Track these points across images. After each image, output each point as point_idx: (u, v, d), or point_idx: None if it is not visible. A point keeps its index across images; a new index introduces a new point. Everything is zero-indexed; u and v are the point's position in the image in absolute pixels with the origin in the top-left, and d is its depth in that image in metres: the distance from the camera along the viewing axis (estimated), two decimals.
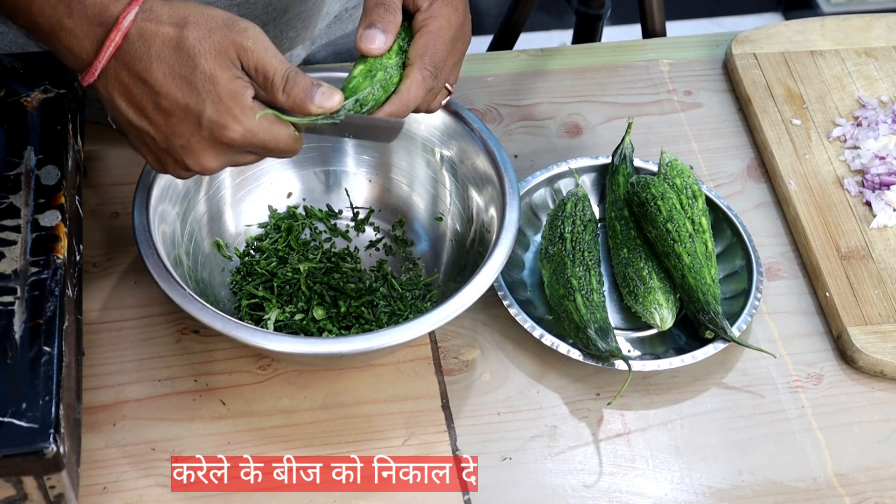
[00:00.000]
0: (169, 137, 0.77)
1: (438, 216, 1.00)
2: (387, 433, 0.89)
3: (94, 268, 0.98)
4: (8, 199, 0.83)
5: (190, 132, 0.76)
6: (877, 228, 1.04)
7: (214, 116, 0.75)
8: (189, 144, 0.77)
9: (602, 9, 1.56)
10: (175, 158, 0.78)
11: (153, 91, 0.75)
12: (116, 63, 0.76)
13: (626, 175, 1.03)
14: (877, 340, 0.95)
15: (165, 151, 0.78)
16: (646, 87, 1.19)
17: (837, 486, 0.88)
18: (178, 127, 0.76)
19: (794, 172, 1.09)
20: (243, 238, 0.99)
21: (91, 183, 1.03)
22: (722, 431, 0.91)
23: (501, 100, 1.16)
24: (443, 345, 0.95)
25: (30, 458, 0.72)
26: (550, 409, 0.92)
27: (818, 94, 1.17)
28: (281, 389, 0.91)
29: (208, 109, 0.75)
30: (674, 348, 0.95)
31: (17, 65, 0.92)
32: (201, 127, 0.76)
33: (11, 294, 0.78)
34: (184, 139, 0.77)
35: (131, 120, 0.78)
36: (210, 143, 0.77)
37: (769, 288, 1.01)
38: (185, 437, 0.88)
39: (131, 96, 0.77)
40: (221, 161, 0.79)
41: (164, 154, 0.79)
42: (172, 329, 0.94)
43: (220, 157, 0.78)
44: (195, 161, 0.78)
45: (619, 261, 0.99)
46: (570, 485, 0.87)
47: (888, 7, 2.58)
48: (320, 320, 0.93)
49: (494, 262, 0.86)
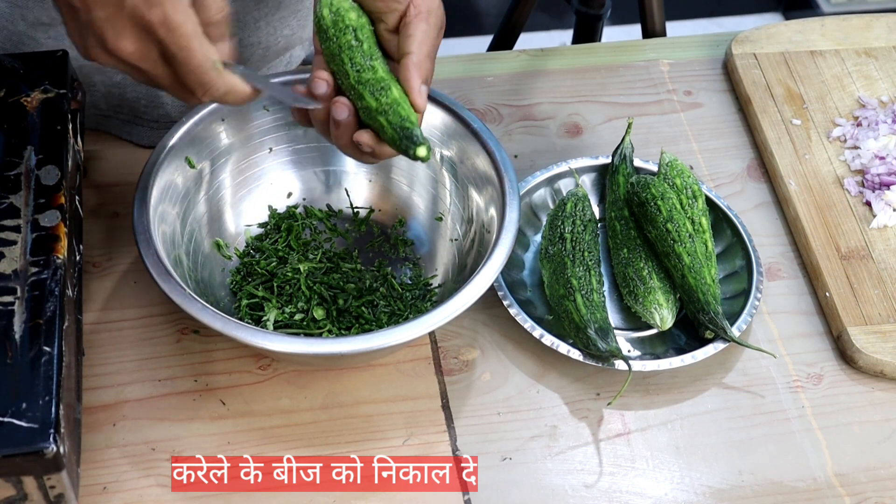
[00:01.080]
0: (91, 9, 0.73)
1: (438, 216, 1.00)
2: (387, 433, 0.89)
3: (94, 268, 0.98)
4: (8, 199, 0.83)
5: (112, 7, 0.73)
6: (877, 228, 1.04)
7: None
8: (111, 19, 0.73)
9: (602, 9, 1.56)
10: (94, 33, 0.74)
11: None
12: None
13: (626, 175, 1.03)
14: (877, 340, 0.95)
15: (87, 25, 0.74)
16: (646, 87, 1.19)
17: (837, 486, 0.88)
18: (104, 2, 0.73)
19: (794, 172, 1.09)
20: (243, 238, 0.99)
21: (91, 183, 1.03)
22: (722, 431, 0.91)
23: (501, 100, 1.16)
24: (443, 345, 0.95)
25: (30, 458, 0.72)
26: (550, 409, 0.92)
27: (818, 94, 1.17)
28: (281, 389, 0.91)
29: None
30: (674, 348, 0.95)
31: (17, 65, 0.92)
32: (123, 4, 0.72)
33: (11, 294, 0.78)
34: (106, 12, 0.73)
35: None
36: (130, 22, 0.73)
37: (769, 288, 1.01)
38: (185, 437, 0.88)
39: None
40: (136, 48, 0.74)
41: (86, 29, 0.74)
42: (172, 329, 0.94)
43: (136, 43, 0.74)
44: (113, 36, 0.73)
45: (619, 261, 0.99)
46: (570, 485, 0.87)
47: (888, 7, 2.58)
48: (320, 320, 0.93)
49: (494, 262, 0.86)
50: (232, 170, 0.98)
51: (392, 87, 0.80)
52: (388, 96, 0.80)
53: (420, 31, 0.81)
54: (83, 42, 0.76)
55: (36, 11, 0.97)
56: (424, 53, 0.81)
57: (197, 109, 0.93)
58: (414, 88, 0.80)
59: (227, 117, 0.95)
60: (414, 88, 0.80)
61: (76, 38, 0.77)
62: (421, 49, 0.80)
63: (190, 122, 0.93)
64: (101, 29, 0.74)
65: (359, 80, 0.80)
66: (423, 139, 0.79)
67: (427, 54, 0.81)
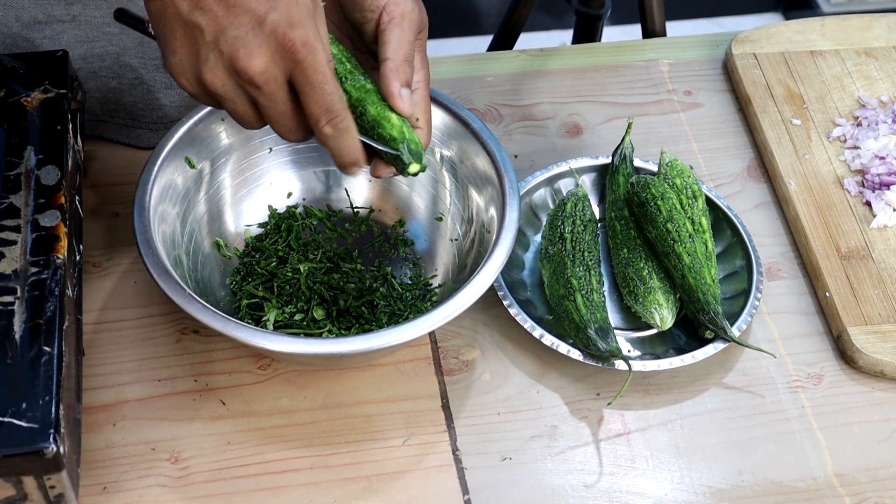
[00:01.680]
0: (225, 28, 0.71)
1: (438, 216, 1.00)
2: (387, 433, 0.89)
3: (94, 268, 0.98)
4: (8, 199, 0.83)
5: (249, 26, 0.71)
6: (877, 228, 1.04)
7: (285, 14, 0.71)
8: (245, 38, 0.72)
9: (602, 9, 1.56)
10: (221, 52, 0.72)
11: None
12: None
13: (626, 175, 1.03)
14: (877, 340, 0.95)
15: (214, 44, 0.72)
16: (646, 87, 1.19)
17: (837, 486, 0.88)
18: (239, 19, 0.71)
19: (794, 172, 1.09)
20: (243, 238, 0.99)
21: (91, 183, 1.03)
22: (722, 431, 0.91)
23: (501, 100, 1.16)
24: (443, 345, 0.95)
25: (30, 458, 0.72)
26: (550, 409, 0.92)
27: (818, 94, 1.17)
28: (281, 389, 0.91)
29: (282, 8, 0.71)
30: (674, 348, 0.95)
31: (17, 65, 0.92)
32: (264, 23, 0.71)
33: (11, 294, 0.78)
34: (240, 31, 0.71)
35: (182, 13, 0.71)
36: (267, 41, 0.72)
37: (769, 288, 1.01)
38: (185, 437, 0.88)
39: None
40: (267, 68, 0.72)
41: (208, 48, 0.72)
42: (172, 329, 0.94)
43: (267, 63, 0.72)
44: (245, 55, 0.71)
45: (619, 261, 0.99)
46: (570, 485, 0.87)
47: (888, 7, 2.58)
48: (320, 320, 0.93)
49: (494, 262, 0.86)
50: (232, 170, 0.98)
51: (368, 106, 0.80)
52: (365, 119, 0.80)
53: (394, 37, 0.80)
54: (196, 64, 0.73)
55: (31, 11, 0.97)
56: (401, 58, 0.80)
57: (197, 109, 0.93)
58: (393, 94, 0.79)
59: (226, 117, 0.95)
60: (393, 94, 0.79)
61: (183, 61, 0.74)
62: (397, 54, 0.80)
63: (190, 122, 0.93)
64: (232, 47, 0.72)
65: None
66: (411, 157, 0.79)
67: (404, 58, 0.80)
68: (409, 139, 0.79)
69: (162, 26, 0.73)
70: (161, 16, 0.72)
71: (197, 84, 0.74)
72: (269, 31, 0.72)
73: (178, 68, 0.74)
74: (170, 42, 0.73)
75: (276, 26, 0.71)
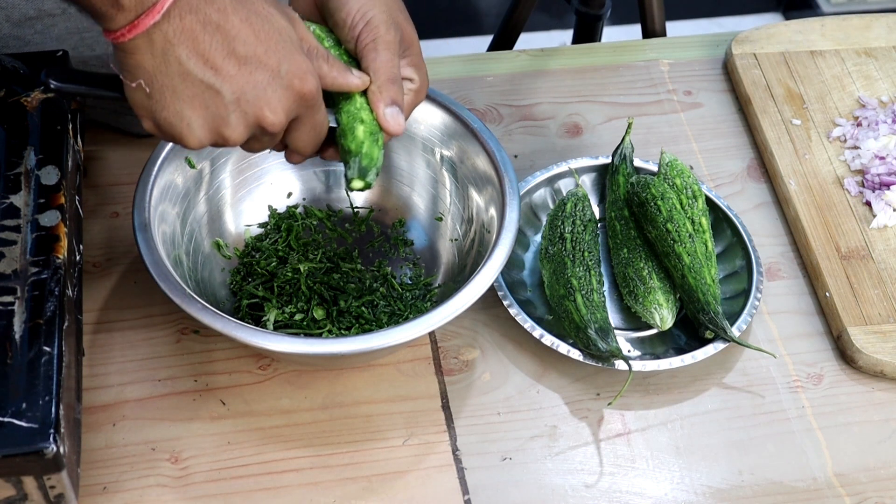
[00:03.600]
0: (242, 87, 0.71)
1: (438, 216, 1.00)
2: (387, 433, 0.89)
3: (94, 268, 0.98)
4: (8, 199, 0.83)
5: (266, 81, 0.72)
6: (877, 228, 1.04)
7: (294, 66, 0.73)
8: (265, 95, 0.72)
9: (602, 9, 1.56)
10: (244, 112, 0.73)
11: (228, 37, 0.70)
12: (182, 5, 0.68)
13: (626, 175, 1.03)
14: (877, 340, 0.95)
15: (235, 105, 0.72)
16: (646, 87, 1.19)
17: (837, 486, 0.88)
18: (254, 76, 0.72)
19: (794, 172, 1.09)
20: (243, 238, 0.99)
21: (91, 183, 1.03)
22: (722, 431, 0.91)
23: (501, 100, 1.16)
24: (443, 345, 0.95)
25: (30, 458, 0.72)
26: (550, 409, 0.92)
27: (818, 94, 1.17)
28: (281, 389, 0.91)
29: (288, 57, 0.72)
30: (674, 348, 0.95)
31: (17, 65, 0.92)
32: (279, 76, 0.72)
33: (11, 294, 0.78)
34: (259, 89, 0.72)
35: (190, 72, 0.70)
36: (284, 94, 0.73)
37: (769, 288, 1.01)
38: (185, 437, 0.88)
39: (197, 44, 0.69)
40: (286, 118, 0.74)
41: (228, 109, 0.72)
42: (172, 329, 0.94)
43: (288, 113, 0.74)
44: (272, 112, 0.73)
45: (619, 261, 0.99)
46: (570, 485, 0.87)
47: (888, 7, 2.58)
48: (320, 320, 0.93)
49: (494, 262, 0.86)
50: (232, 170, 0.98)
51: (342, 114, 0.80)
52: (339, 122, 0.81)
53: (371, 61, 0.81)
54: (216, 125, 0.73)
55: (22, 8, 0.96)
56: (384, 79, 0.80)
57: None
58: (380, 115, 0.80)
59: None
60: (380, 115, 0.80)
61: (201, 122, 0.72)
62: (378, 76, 0.80)
63: None
64: (255, 107, 0.73)
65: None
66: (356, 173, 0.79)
67: (388, 79, 0.80)
68: (363, 154, 0.79)
69: (157, 83, 0.71)
70: (159, 73, 0.71)
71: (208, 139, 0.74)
72: (286, 84, 0.73)
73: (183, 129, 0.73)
74: (169, 101, 0.71)
75: (290, 79, 0.73)
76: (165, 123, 0.73)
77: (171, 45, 0.69)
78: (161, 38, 0.69)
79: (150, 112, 0.73)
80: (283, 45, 0.73)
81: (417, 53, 0.85)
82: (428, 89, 0.86)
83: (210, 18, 0.70)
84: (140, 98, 0.72)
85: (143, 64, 0.70)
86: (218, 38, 0.70)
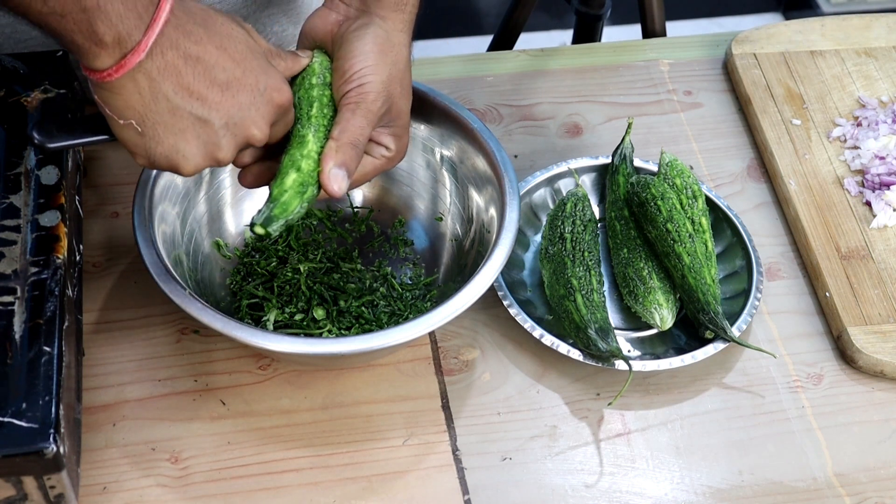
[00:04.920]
0: (229, 112, 0.73)
1: (438, 216, 1.00)
2: (387, 433, 0.89)
3: (94, 268, 0.98)
4: (8, 199, 0.83)
5: (249, 101, 0.74)
6: (877, 228, 1.04)
7: (270, 80, 0.75)
8: (250, 115, 0.75)
9: (602, 9, 1.56)
10: (234, 134, 0.75)
11: (208, 66, 0.72)
12: (163, 42, 0.69)
13: (626, 175, 1.03)
14: (877, 340, 0.95)
15: (225, 129, 0.74)
16: (646, 87, 1.19)
17: (837, 486, 0.88)
18: (237, 98, 0.73)
19: (794, 172, 1.09)
20: (243, 238, 0.99)
21: (91, 183, 1.03)
22: (722, 431, 0.91)
23: (501, 100, 1.16)
24: (443, 345, 0.95)
25: (30, 458, 0.72)
26: (550, 409, 0.92)
27: (818, 94, 1.17)
28: (281, 389, 0.91)
29: (263, 73, 0.75)
30: (674, 348, 0.95)
31: (17, 65, 0.92)
32: (260, 93, 0.74)
33: (11, 294, 0.78)
34: (244, 110, 0.74)
35: (178, 106, 0.72)
36: (266, 109, 0.76)
37: (769, 288, 1.01)
38: (185, 437, 0.88)
39: (181, 78, 0.71)
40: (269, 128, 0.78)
41: (219, 135, 0.74)
42: (172, 329, 0.94)
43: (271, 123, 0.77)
44: (258, 129, 0.76)
45: (619, 261, 0.99)
46: (570, 485, 0.87)
47: (888, 7, 2.58)
48: (320, 320, 0.93)
49: (494, 262, 0.86)
50: (232, 170, 0.98)
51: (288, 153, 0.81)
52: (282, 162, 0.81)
53: (344, 119, 0.81)
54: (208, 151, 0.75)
55: None
56: (345, 140, 0.81)
57: None
58: (324, 171, 0.80)
59: None
60: (324, 171, 0.80)
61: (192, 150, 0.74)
62: (342, 136, 0.81)
63: None
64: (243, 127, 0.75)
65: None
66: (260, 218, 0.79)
67: (349, 142, 0.81)
68: (280, 203, 0.79)
69: (147, 121, 0.72)
70: (149, 112, 0.72)
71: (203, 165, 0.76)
72: (267, 100, 0.76)
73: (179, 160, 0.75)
74: (161, 136, 0.73)
75: (270, 94, 0.76)
76: (161, 157, 0.74)
77: (157, 82, 0.70)
78: (145, 77, 0.70)
79: (143, 149, 0.74)
80: (255, 61, 0.75)
81: (403, 126, 0.86)
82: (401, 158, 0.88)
83: (190, 52, 0.71)
84: (132, 136, 0.73)
85: (131, 103, 0.71)
86: (199, 70, 0.72)
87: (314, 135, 0.81)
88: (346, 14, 0.85)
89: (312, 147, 0.81)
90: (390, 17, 0.84)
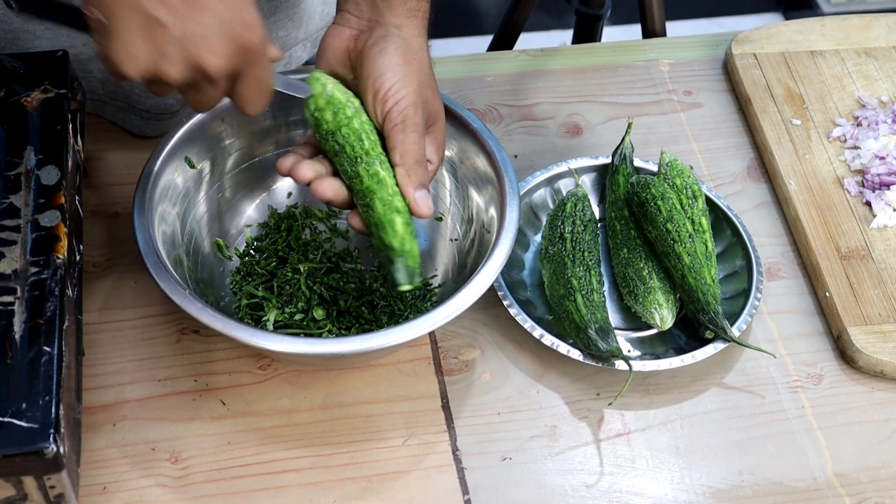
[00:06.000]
0: (189, 26, 0.72)
1: (438, 216, 1.00)
2: (387, 433, 0.89)
3: (94, 268, 0.98)
4: (8, 199, 0.83)
5: (213, 25, 0.73)
6: (877, 228, 1.04)
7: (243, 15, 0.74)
8: (209, 38, 0.73)
9: (602, 9, 1.56)
10: (187, 50, 0.73)
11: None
12: None
13: (626, 175, 1.03)
14: (877, 340, 0.95)
15: (178, 42, 0.73)
16: (646, 87, 1.19)
17: (837, 486, 0.88)
18: (202, 17, 0.72)
19: (794, 172, 1.09)
20: (243, 238, 0.99)
21: (91, 183, 1.03)
22: (722, 431, 0.91)
23: (501, 100, 1.16)
24: (443, 345, 0.95)
25: (30, 458, 0.72)
26: (550, 409, 0.92)
27: (818, 94, 1.17)
28: (281, 389, 0.91)
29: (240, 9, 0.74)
30: (674, 348, 0.95)
31: (17, 65, 0.92)
32: (226, 24, 0.73)
33: (11, 294, 0.78)
34: (205, 30, 0.73)
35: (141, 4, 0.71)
36: (229, 42, 0.74)
37: (769, 288, 1.01)
38: (185, 437, 0.88)
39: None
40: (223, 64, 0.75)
41: (171, 44, 0.73)
42: (172, 329, 0.94)
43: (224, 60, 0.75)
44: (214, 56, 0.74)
45: (619, 261, 0.99)
46: (571, 485, 0.87)
47: (888, 7, 2.58)
48: (320, 320, 0.93)
49: (494, 262, 0.86)
50: (232, 170, 0.98)
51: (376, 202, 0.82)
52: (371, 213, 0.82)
53: (398, 143, 0.82)
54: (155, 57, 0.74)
55: None
56: (411, 162, 0.82)
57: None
58: (409, 198, 0.82)
59: (227, 117, 0.95)
60: (409, 198, 0.82)
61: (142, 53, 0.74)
62: (405, 159, 0.82)
63: (190, 121, 0.93)
64: (197, 47, 0.73)
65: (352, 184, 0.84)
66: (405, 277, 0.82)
67: (415, 161, 0.83)
68: (408, 253, 0.81)
69: (111, 13, 0.72)
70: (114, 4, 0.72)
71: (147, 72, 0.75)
72: (232, 32, 0.74)
73: (123, 56, 0.74)
74: (119, 30, 0.73)
75: (236, 27, 0.74)
76: (111, 50, 0.73)
77: None
78: None
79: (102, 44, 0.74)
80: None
81: (441, 129, 0.88)
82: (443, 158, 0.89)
83: None
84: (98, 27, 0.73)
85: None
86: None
87: (381, 166, 0.82)
88: (360, 27, 0.85)
89: (390, 181, 0.82)
90: (405, 24, 0.84)
